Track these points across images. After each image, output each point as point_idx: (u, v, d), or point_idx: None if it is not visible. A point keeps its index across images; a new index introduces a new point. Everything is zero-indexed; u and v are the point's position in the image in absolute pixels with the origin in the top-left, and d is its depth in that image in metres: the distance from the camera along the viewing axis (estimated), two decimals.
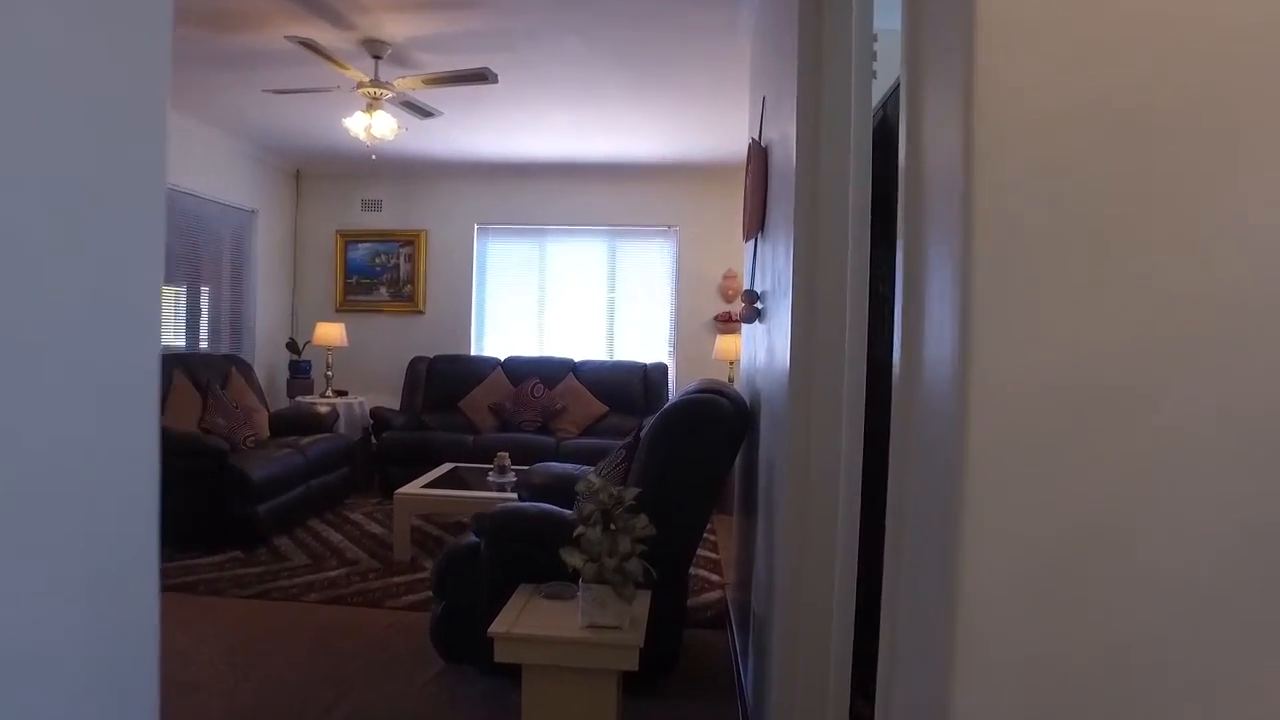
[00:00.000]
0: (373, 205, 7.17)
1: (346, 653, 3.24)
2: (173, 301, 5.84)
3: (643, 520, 2.31)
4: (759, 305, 2.95)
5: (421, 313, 7.14)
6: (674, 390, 6.79)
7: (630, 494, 2.33)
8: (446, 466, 5.17)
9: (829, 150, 1.91)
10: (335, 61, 3.89)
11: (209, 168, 6.06)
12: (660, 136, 5.89)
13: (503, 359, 6.77)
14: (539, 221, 7.09)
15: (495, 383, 6.52)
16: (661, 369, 6.66)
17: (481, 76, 4.06)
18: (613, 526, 2.28)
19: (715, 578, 4.32)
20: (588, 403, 6.42)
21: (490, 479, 4.70)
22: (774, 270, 2.50)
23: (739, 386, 3.75)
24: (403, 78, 4.17)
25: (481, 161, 6.73)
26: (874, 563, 1.37)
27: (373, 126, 4.22)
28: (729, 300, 6.91)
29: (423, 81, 4.14)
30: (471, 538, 2.94)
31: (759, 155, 2.90)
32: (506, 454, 4.76)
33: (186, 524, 4.49)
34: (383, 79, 4.19)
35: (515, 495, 4.04)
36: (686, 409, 2.85)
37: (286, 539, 4.79)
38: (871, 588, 1.59)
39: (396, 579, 4.10)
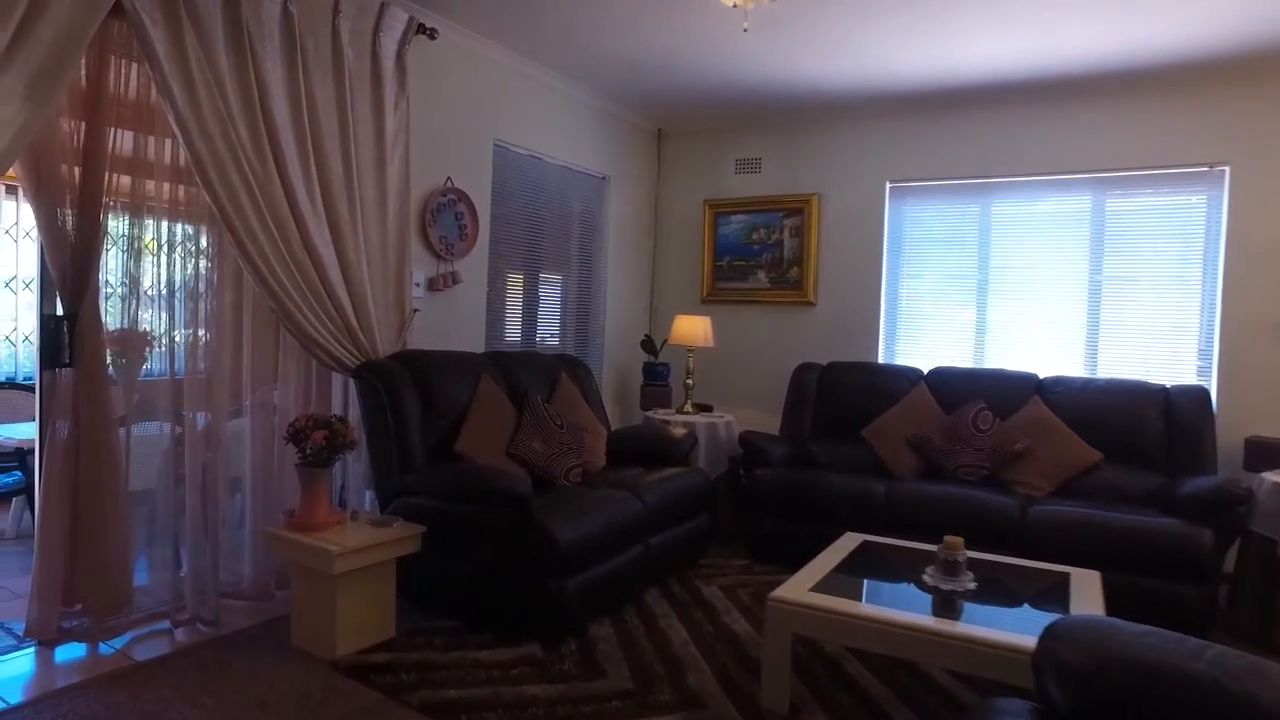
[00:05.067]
0: (749, 165, 5.52)
1: None
2: (511, 290, 4.72)
3: None
4: None
5: (811, 304, 5.31)
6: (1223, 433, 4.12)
7: None
8: (851, 541, 3.25)
9: None
10: None
11: (553, 124, 4.85)
12: (1206, 5, 3.37)
13: (926, 371, 4.67)
14: (981, 173, 4.85)
15: (916, 405, 4.45)
16: (1197, 396, 4.03)
17: None
18: None
19: None
20: (1066, 443, 4.06)
21: (928, 579, 2.68)
22: None
23: None
24: None
25: (896, 91, 4.70)
26: None
27: None
28: None
29: None
30: None
31: None
32: (960, 541, 2.70)
33: (479, 597, 3.15)
34: None
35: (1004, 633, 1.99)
36: None
37: (609, 626, 3.25)
38: None
39: None
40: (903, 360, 5.09)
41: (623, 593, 3.46)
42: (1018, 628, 2.31)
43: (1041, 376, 4.41)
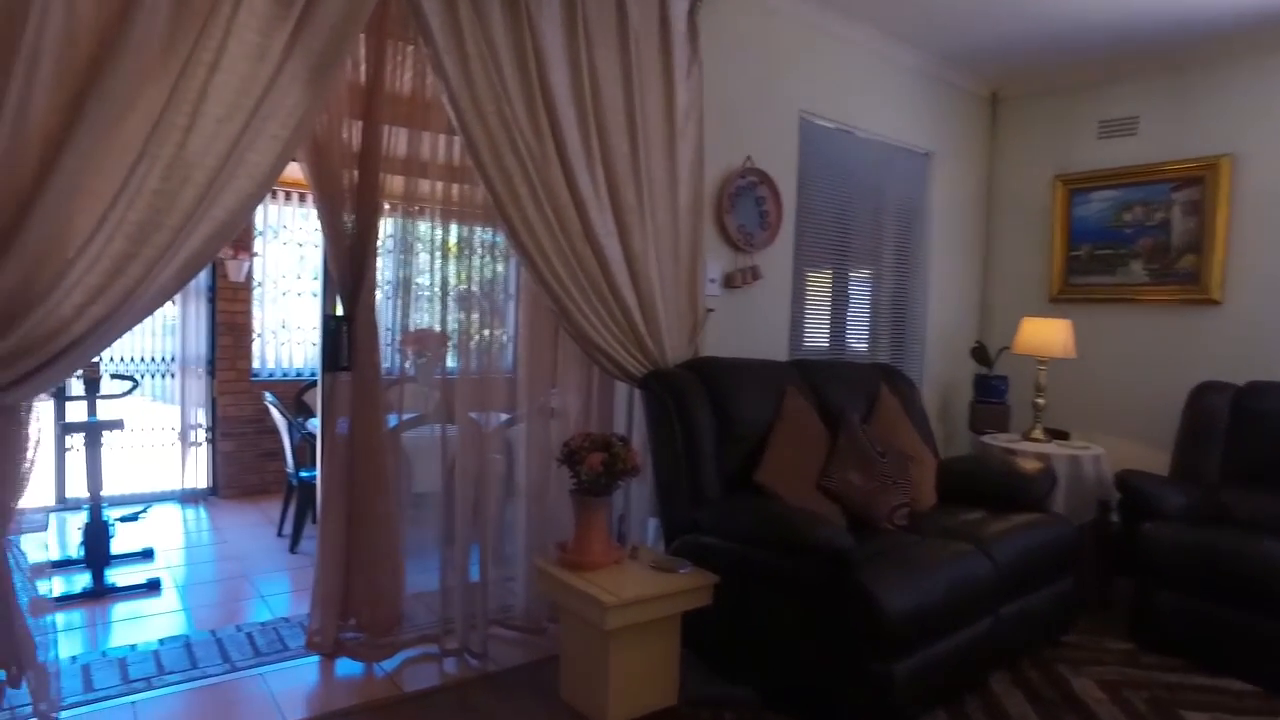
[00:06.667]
0: (1119, 127, 4.33)
1: None
2: (813, 288, 4.05)
3: None
4: None
5: (1215, 303, 4.01)
6: None
7: None
8: None
9: None
10: None
11: (865, 92, 4.10)
12: None
13: None
14: None
15: None
16: None
17: None
18: None
19: None
20: None
21: None
22: None
23: None
24: None
25: None
26: None
27: None
28: None
29: None
30: None
31: None
32: None
33: (779, 666, 2.51)
34: None
35: None
36: None
37: None
38: None
39: None
40: None
41: (963, 677, 2.64)
42: None
43: None
